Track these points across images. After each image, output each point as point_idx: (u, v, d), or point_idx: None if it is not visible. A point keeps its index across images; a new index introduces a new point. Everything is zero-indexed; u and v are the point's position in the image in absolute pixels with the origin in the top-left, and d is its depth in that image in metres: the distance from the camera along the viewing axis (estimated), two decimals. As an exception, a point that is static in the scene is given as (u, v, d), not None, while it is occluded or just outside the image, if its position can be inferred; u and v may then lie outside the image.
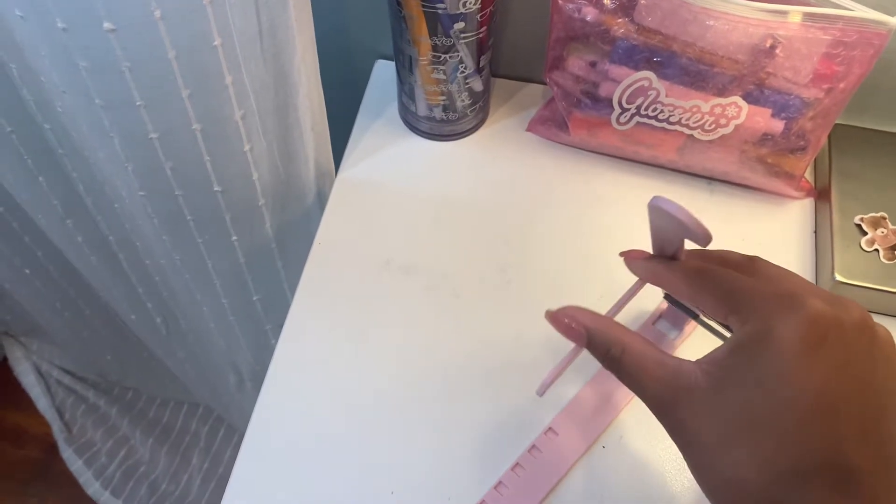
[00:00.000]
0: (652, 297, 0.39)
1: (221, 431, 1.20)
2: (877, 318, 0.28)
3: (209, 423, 1.21)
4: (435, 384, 0.46)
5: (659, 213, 0.30)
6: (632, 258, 0.34)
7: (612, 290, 0.49)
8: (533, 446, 0.43)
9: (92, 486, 1.13)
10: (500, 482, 0.41)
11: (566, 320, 0.32)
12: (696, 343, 0.46)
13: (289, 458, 0.43)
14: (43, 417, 1.19)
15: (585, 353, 0.33)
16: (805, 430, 0.24)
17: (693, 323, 0.45)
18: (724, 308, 0.28)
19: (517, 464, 0.42)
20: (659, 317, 0.47)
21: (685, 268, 0.31)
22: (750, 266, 0.30)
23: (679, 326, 0.46)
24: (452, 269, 0.51)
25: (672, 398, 0.28)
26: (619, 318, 0.35)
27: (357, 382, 0.46)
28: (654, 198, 0.29)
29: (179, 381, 1.05)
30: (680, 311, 0.40)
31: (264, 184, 0.53)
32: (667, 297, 0.40)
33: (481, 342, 0.47)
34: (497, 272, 0.50)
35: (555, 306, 0.49)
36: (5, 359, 1.24)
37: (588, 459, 0.43)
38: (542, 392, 0.40)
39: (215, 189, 0.51)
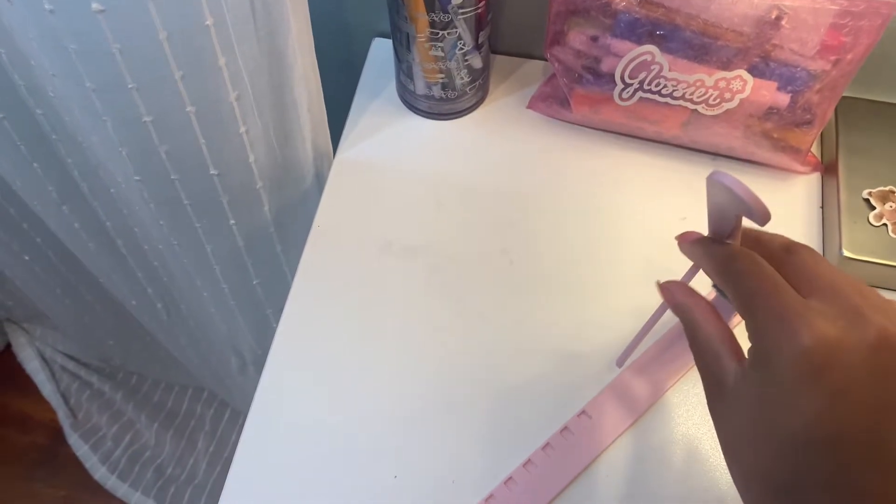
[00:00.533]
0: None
1: (226, 414, 1.20)
2: (886, 294, 0.28)
3: (214, 407, 1.21)
4: (437, 367, 0.45)
5: (717, 189, 0.29)
6: (682, 240, 0.33)
7: (616, 269, 0.49)
8: (565, 427, 0.42)
9: (98, 471, 1.14)
10: (528, 460, 0.41)
11: (666, 293, 0.33)
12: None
13: (291, 441, 0.43)
14: (48, 403, 1.19)
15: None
16: (800, 454, 0.25)
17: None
18: (740, 310, 0.28)
19: (548, 443, 0.42)
20: None
21: (720, 255, 0.30)
22: (785, 258, 0.29)
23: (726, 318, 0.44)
24: (454, 250, 0.50)
25: (711, 391, 0.29)
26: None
27: (359, 365, 0.45)
28: (714, 172, 0.28)
29: (182, 366, 1.05)
30: (728, 301, 0.37)
31: (261, 166, 0.53)
32: (715, 285, 0.38)
33: (483, 324, 0.47)
34: (499, 253, 0.50)
35: (555, 287, 0.48)
36: (9, 345, 1.24)
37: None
38: (621, 363, 0.39)
39: (211, 172, 0.50)
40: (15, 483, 1.15)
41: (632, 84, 0.49)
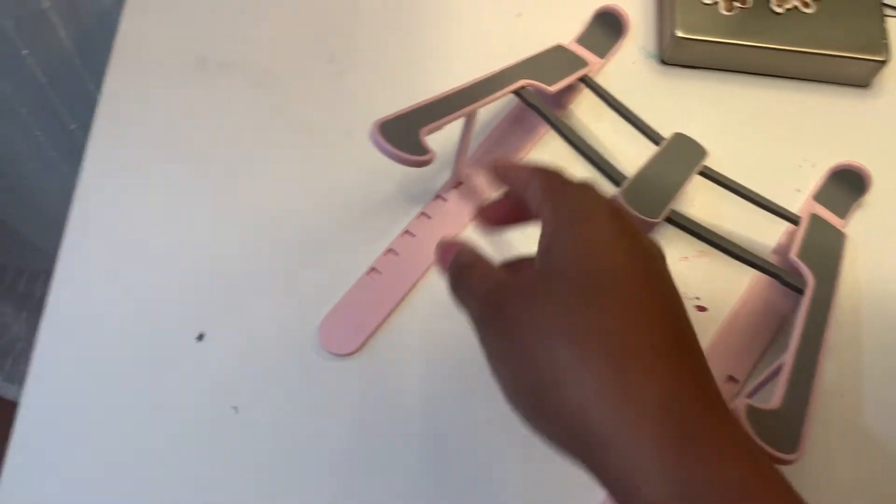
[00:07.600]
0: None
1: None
2: (718, 76, 0.24)
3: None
4: (263, 193, 0.41)
5: None
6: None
7: (450, 75, 0.45)
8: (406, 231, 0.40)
9: (-35, 367, 1.07)
10: (373, 268, 0.39)
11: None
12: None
13: (96, 323, 0.37)
14: None
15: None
16: None
17: None
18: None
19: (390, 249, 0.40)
20: None
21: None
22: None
23: None
24: (276, 61, 0.45)
25: None
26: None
27: (177, 204, 0.41)
28: None
29: (40, 250, 0.98)
30: None
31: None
32: None
33: (311, 138, 0.43)
34: (325, 62, 0.46)
35: (388, 96, 0.44)
36: None
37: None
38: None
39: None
40: None
41: None
